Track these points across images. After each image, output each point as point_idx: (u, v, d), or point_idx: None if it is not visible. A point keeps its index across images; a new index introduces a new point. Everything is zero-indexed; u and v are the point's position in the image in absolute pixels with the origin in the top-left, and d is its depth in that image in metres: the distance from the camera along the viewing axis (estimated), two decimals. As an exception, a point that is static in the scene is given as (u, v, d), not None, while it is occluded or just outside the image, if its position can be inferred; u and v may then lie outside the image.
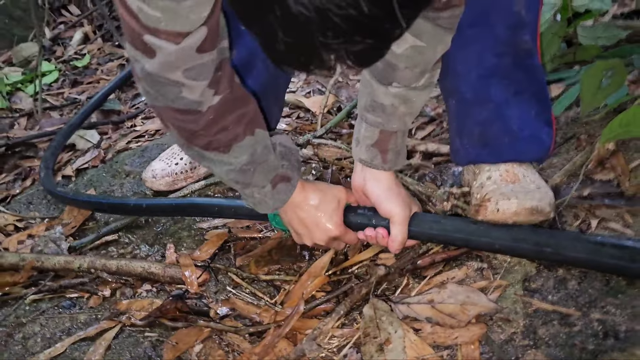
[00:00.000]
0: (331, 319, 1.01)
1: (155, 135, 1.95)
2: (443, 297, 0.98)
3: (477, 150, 1.13)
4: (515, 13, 1.02)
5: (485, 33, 1.03)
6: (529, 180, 1.08)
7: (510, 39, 1.03)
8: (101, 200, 1.49)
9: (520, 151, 1.11)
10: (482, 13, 1.02)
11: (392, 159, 1.09)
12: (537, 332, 0.88)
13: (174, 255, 1.29)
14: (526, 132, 1.09)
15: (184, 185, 1.52)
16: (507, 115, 1.08)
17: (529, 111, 1.09)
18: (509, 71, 1.06)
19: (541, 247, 0.95)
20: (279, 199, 1.07)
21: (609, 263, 0.89)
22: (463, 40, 1.02)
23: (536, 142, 1.11)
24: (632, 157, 1.15)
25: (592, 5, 1.58)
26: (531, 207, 1.00)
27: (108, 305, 1.21)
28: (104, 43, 3.05)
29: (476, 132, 1.11)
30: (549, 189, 1.07)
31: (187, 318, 1.11)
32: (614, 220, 1.03)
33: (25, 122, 2.43)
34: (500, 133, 1.09)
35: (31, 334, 1.17)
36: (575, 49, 1.62)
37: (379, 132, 1.06)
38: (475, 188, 1.12)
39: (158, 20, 0.80)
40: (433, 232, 1.07)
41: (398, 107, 1.03)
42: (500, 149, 1.11)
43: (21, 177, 2.01)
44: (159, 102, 0.91)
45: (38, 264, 1.31)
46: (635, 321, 0.83)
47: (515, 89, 1.07)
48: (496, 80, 1.06)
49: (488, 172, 1.11)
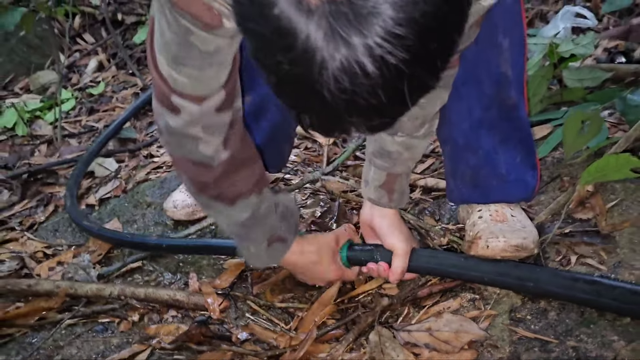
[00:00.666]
0: (341, 345, 1.14)
1: (172, 167, 2.08)
2: (439, 325, 1.11)
3: (469, 191, 1.28)
4: (500, 73, 1.16)
5: (474, 89, 1.18)
6: (515, 220, 1.23)
7: (496, 95, 1.17)
8: (123, 238, 1.61)
9: (507, 193, 1.26)
10: (473, 72, 1.16)
11: (397, 198, 1.23)
12: (521, 357, 1.01)
13: (197, 284, 1.42)
14: (513, 176, 1.24)
15: (202, 217, 1.65)
16: (495, 161, 1.23)
17: (515, 157, 1.24)
18: (495, 122, 1.20)
19: (523, 281, 1.10)
20: (273, 256, 1.22)
21: (581, 297, 1.03)
22: (457, 95, 1.16)
23: (522, 185, 1.26)
24: (609, 198, 1.29)
25: (577, 51, 1.72)
26: (516, 245, 1.15)
27: (137, 329, 1.34)
28: (118, 71, 3.19)
29: (468, 175, 1.26)
30: (534, 227, 1.22)
31: (211, 342, 1.24)
32: (591, 257, 1.17)
33: (45, 149, 2.55)
34: (489, 177, 1.24)
35: (69, 356, 1.29)
36: (562, 90, 1.76)
37: (385, 175, 1.21)
38: (468, 225, 1.27)
39: (184, 85, 0.94)
40: (430, 266, 1.21)
41: (402, 153, 1.17)
42: (489, 190, 1.26)
43: (43, 203, 2.13)
44: (178, 153, 1.06)
45: (71, 291, 1.44)
46: (603, 348, 0.97)
47: (501, 138, 1.21)
48: (484, 131, 1.21)
49: (479, 212, 1.26)
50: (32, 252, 1.75)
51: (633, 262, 1.12)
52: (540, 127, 1.65)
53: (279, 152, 1.64)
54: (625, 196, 1.27)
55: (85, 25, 3.53)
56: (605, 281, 1.01)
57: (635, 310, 1.00)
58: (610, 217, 1.24)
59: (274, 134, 1.50)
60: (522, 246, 1.15)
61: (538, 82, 1.72)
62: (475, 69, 1.16)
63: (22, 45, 3.29)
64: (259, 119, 1.52)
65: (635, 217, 1.21)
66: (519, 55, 1.17)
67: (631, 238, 1.17)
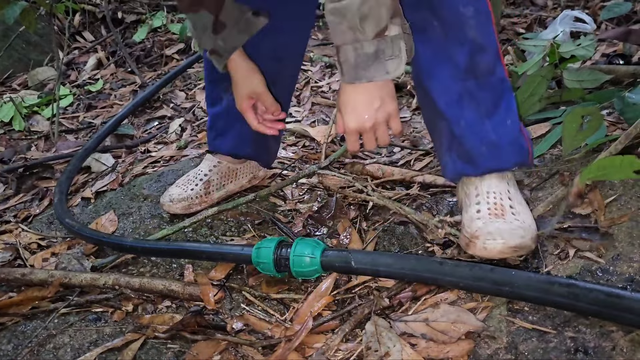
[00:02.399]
0: (337, 336, 1.13)
1: (170, 161, 2.08)
2: (436, 316, 1.10)
3: (462, 163, 1.27)
4: (470, 41, 1.16)
5: (447, 66, 1.19)
6: (515, 212, 1.21)
7: (470, 65, 1.17)
8: (102, 237, 1.56)
9: (501, 159, 1.24)
10: (442, 50, 1.18)
11: (346, 70, 1.10)
12: (518, 348, 1.00)
13: (192, 275, 1.41)
14: (505, 140, 1.23)
15: (199, 210, 1.65)
16: (481, 130, 1.22)
17: (505, 120, 1.22)
18: (475, 92, 1.20)
19: (499, 285, 1.06)
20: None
21: (558, 301, 1.00)
22: (431, 75, 1.21)
23: (517, 148, 1.24)
24: (608, 193, 1.29)
25: (577, 52, 1.73)
26: (515, 246, 1.14)
27: (131, 319, 1.32)
28: (117, 69, 3.19)
29: (455, 146, 1.26)
30: (532, 220, 1.22)
31: (206, 332, 1.22)
32: (589, 250, 1.16)
33: (42, 144, 2.55)
34: (478, 145, 1.23)
35: (61, 345, 1.28)
36: (561, 91, 1.77)
37: (335, 47, 1.12)
38: (465, 219, 1.24)
39: None
40: (404, 272, 1.17)
41: (335, 21, 1.07)
42: (481, 159, 1.24)
43: (38, 197, 2.12)
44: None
45: (65, 280, 1.43)
46: (602, 339, 0.96)
47: (486, 107, 1.21)
48: (466, 103, 1.21)
49: (477, 205, 1.24)
50: (26, 243, 1.73)
51: (631, 255, 1.11)
52: (539, 125, 1.65)
53: (267, 144, 1.64)
54: (624, 191, 1.27)
55: (85, 23, 3.54)
56: (582, 284, 0.99)
57: (613, 314, 0.96)
58: (609, 212, 1.23)
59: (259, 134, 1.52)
60: (520, 246, 1.14)
61: (538, 82, 1.72)
62: (444, 45, 1.17)
63: (21, 42, 3.29)
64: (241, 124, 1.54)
65: (633, 211, 1.21)
66: (487, 21, 1.17)
67: (630, 232, 1.16)
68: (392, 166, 1.76)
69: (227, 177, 1.68)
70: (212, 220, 1.62)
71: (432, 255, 1.34)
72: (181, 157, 2.08)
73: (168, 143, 2.27)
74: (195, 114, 2.50)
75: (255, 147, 1.64)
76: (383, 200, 1.50)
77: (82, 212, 1.84)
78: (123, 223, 1.70)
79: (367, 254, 1.26)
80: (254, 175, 1.73)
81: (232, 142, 1.63)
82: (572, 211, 1.28)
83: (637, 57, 2.09)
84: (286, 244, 1.29)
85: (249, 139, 1.60)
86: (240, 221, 1.61)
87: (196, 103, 2.59)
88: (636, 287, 1.05)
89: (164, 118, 2.56)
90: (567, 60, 1.75)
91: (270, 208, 1.66)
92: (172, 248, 1.45)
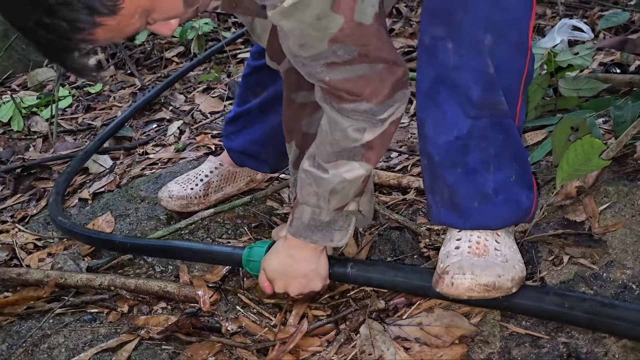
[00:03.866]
0: (333, 348, 1.14)
1: (167, 163, 2.08)
2: (430, 320, 1.11)
3: (447, 212, 1.11)
4: (487, 74, 1.00)
5: (454, 95, 1.02)
6: (499, 254, 1.06)
7: (484, 101, 1.01)
8: (93, 235, 1.57)
9: (491, 216, 1.08)
10: (449, 75, 1.01)
11: (297, 226, 1.15)
12: (512, 353, 1.01)
13: (187, 276, 1.41)
14: (501, 197, 1.07)
15: (195, 210, 1.65)
16: (479, 179, 1.06)
17: (509, 175, 1.07)
18: (486, 133, 1.04)
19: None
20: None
21: (551, 309, 1.00)
22: (431, 104, 1.04)
23: (512, 206, 1.08)
24: (602, 200, 1.29)
25: (575, 61, 1.74)
26: (486, 284, 1.01)
27: (126, 320, 1.33)
28: (117, 71, 3.19)
29: (446, 194, 1.10)
30: (519, 262, 1.07)
31: (201, 334, 1.23)
32: (583, 257, 1.17)
33: (40, 145, 2.55)
34: (470, 197, 1.08)
35: (56, 345, 1.28)
36: (557, 99, 1.78)
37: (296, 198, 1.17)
38: (441, 254, 1.10)
39: None
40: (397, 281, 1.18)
41: (306, 181, 1.12)
42: (469, 213, 1.08)
43: (36, 197, 2.12)
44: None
45: (61, 280, 1.43)
46: (594, 344, 0.96)
47: (495, 152, 1.05)
48: (474, 143, 1.04)
49: (458, 241, 1.10)
50: (22, 243, 1.74)
51: (625, 262, 1.12)
52: (535, 132, 1.66)
53: (276, 151, 1.63)
54: (618, 199, 1.27)
55: (85, 25, 3.54)
56: (576, 294, 0.99)
57: (607, 324, 0.95)
58: (603, 219, 1.24)
59: (276, 129, 1.50)
60: (493, 285, 1.01)
61: (534, 90, 1.73)
62: (453, 70, 1.01)
63: (22, 43, 3.30)
64: (266, 112, 1.55)
65: (627, 219, 1.21)
66: (516, 55, 1.02)
67: (623, 239, 1.17)
68: (388, 171, 1.76)
69: (226, 180, 1.69)
70: (208, 222, 1.62)
71: (428, 260, 1.35)
72: (179, 159, 2.09)
73: (166, 145, 2.28)
74: (194, 116, 2.51)
75: (265, 151, 1.65)
76: (376, 206, 1.51)
77: (80, 213, 1.84)
78: (120, 224, 1.71)
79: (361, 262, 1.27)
80: (252, 179, 1.74)
81: (248, 138, 1.64)
82: (566, 218, 1.29)
83: (634, 66, 2.10)
84: None
85: (262, 140, 1.62)
86: (236, 224, 1.62)
87: (195, 106, 2.59)
88: (629, 293, 1.06)
89: (162, 120, 2.56)
90: (565, 68, 1.76)
91: (267, 211, 1.67)
92: (163, 245, 1.44)
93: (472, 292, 1.01)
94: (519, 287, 1.04)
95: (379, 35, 0.96)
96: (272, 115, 1.55)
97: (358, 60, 0.96)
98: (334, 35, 0.92)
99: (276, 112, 1.46)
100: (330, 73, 0.97)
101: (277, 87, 1.43)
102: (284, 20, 0.91)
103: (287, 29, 0.93)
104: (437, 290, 1.06)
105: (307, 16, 0.90)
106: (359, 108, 1.00)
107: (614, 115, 1.52)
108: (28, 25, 0.81)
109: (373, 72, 0.98)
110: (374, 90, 0.99)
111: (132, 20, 0.85)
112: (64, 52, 0.84)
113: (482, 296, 1.02)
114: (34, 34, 0.82)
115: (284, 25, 0.93)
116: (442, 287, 1.04)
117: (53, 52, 0.85)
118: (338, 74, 0.97)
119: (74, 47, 0.83)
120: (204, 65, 2.95)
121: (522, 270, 1.06)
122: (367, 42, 0.95)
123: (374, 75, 0.99)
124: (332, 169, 1.08)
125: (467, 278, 1.01)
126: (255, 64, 1.54)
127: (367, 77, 0.98)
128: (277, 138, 1.51)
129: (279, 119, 1.39)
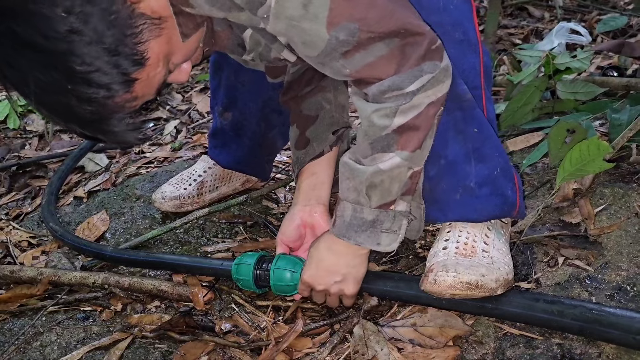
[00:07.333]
0: (326, 349, 1.12)
1: (163, 162, 2.08)
2: (424, 321, 1.10)
3: (428, 205, 1.11)
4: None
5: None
6: (486, 256, 1.06)
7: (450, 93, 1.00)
8: (83, 245, 1.54)
9: (474, 209, 1.09)
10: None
11: (339, 225, 1.06)
12: (506, 354, 1.01)
13: (182, 275, 1.40)
14: (485, 190, 1.08)
15: (190, 210, 1.64)
16: (461, 171, 1.07)
17: (494, 168, 1.08)
18: (461, 126, 1.06)
19: (483, 302, 1.04)
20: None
21: (542, 317, 0.99)
22: None
23: (498, 199, 1.09)
24: (598, 202, 1.29)
25: (573, 65, 1.74)
26: (468, 282, 1.00)
27: (120, 318, 1.32)
28: (114, 70, 3.19)
29: (426, 188, 1.10)
30: (506, 264, 1.07)
31: (194, 332, 1.22)
32: (578, 259, 1.16)
33: (36, 143, 2.55)
34: (451, 190, 1.08)
35: (48, 343, 1.27)
36: (554, 101, 1.78)
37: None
38: (429, 254, 1.12)
39: None
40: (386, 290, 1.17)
41: (345, 175, 1.04)
42: (449, 206, 1.09)
43: (31, 195, 2.12)
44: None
45: (55, 278, 1.42)
46: (588, 346, 0.96)
47: (475, 145, 1.06)
48: (452, 134, 1.06)
49: (446, 241, 1.11)
50: (17, 241, 1.73)
51: (620, 264, 1.12)
52: (532, 134, 1.66)
53: (261, 166, 1.66)
54: (613, 201, 1.27)
55: (83, 24, 3.54)
56: (566, 300, 0.98)
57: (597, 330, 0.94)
58: (598, 221, 1.24)
59: (254, 149, 1.60)
60: (476, 284, 1.00)
61: (531, 92, 1.73)
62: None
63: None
64: (240, 135, 1.55)
65: (622, 221, 1.21)
66: (466, 53, 1.06)
67: (619, 241, 1.17)
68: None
69: (221, 179, 1.68)
70: (204, 221, 1.62)
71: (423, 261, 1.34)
72: (175, 158, 2.08)
73: (162, 144, 2.27)
74: (190, 116, 2.51)
75: (250, 164, 1.67)
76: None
77: (74, 211, 1.84)
78: (115, 223, 1.70)
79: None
80: (247, 179, 1.73)
81: (230, 157, 1.64)
82: (562, 219, 1.28)
83: (632, 69, 2.11)
84: (267, 259, 1.26)
85: (244, 160, 1.64)
86: (232, 223, 1.61)
87: (192, 105, 2.59)
88: (624, 295, 1.05)
89: (159, 119, 2.56)
90: (562, 71, 1.76)
91: (263, 211, 1.66)
92: (152, 260, 1.43)
93: (455, 290, 1.01)
94: (505, 290, 1.03)
95: (372, 3, 0.90)
96: (244, 140, 1.58)
97: (366, 41, 0.90)
98: (328, 20, 0.88)
99: (250, 136, 1.54)
100: (349, 63, 0.93)
101: (241, 109, 1.50)
102: (279, 23, 0.90)
103: (285, 33, 0.92)
104: (421, 288, 1.06)
105: (295, 9, 0.87)
106: (383, 85, 0.94)
107: (610, 118, 1.53)
108: (71, 103, 0.81)
109: (390, 49, 0.91)
110: (398, 65, 0.93)
111: (157, 70, 0.88)
112: (109, 120, 0.87)
113: (465, 295, 1.01)
114: (79, 114, 0.83)
115: (281, 30, 0.91)
116: (426, 285, 1.04)
117: (100, 125, 0.87)
118: (357, 62, 0.92)
119: (117, 112, 0.86)
120: (201, 65, 2.95)
121: (507, 272, 1.05)
122: (362, 16, 0.89)
123: (392, 51, 0.92)
124: (369, 163, 1.00)
125: (450, 276, 1.01)
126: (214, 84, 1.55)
127: (386, 56, 0.92)
128: (256, 158, 1.60)
129: (254, 141, 1.48)
